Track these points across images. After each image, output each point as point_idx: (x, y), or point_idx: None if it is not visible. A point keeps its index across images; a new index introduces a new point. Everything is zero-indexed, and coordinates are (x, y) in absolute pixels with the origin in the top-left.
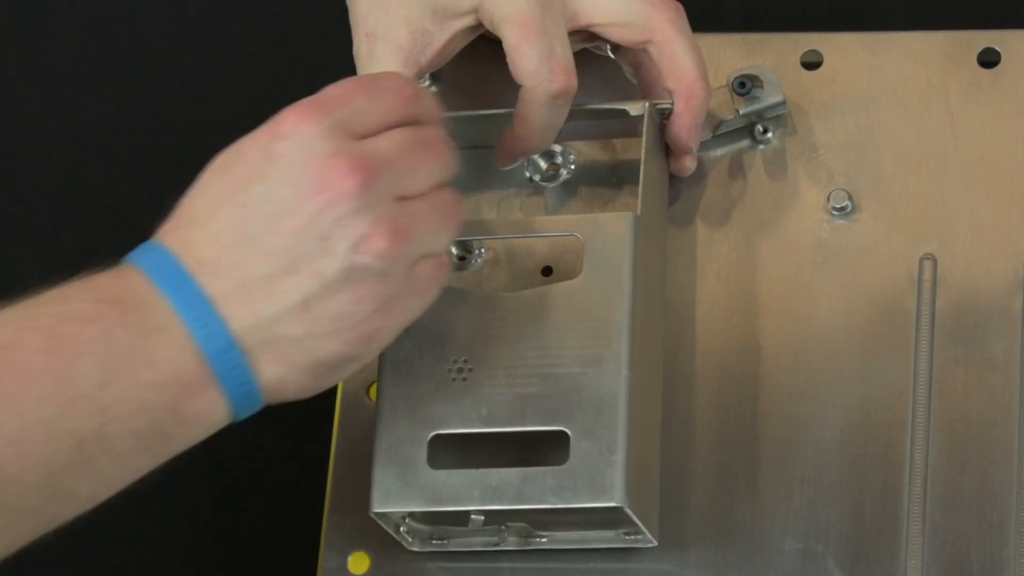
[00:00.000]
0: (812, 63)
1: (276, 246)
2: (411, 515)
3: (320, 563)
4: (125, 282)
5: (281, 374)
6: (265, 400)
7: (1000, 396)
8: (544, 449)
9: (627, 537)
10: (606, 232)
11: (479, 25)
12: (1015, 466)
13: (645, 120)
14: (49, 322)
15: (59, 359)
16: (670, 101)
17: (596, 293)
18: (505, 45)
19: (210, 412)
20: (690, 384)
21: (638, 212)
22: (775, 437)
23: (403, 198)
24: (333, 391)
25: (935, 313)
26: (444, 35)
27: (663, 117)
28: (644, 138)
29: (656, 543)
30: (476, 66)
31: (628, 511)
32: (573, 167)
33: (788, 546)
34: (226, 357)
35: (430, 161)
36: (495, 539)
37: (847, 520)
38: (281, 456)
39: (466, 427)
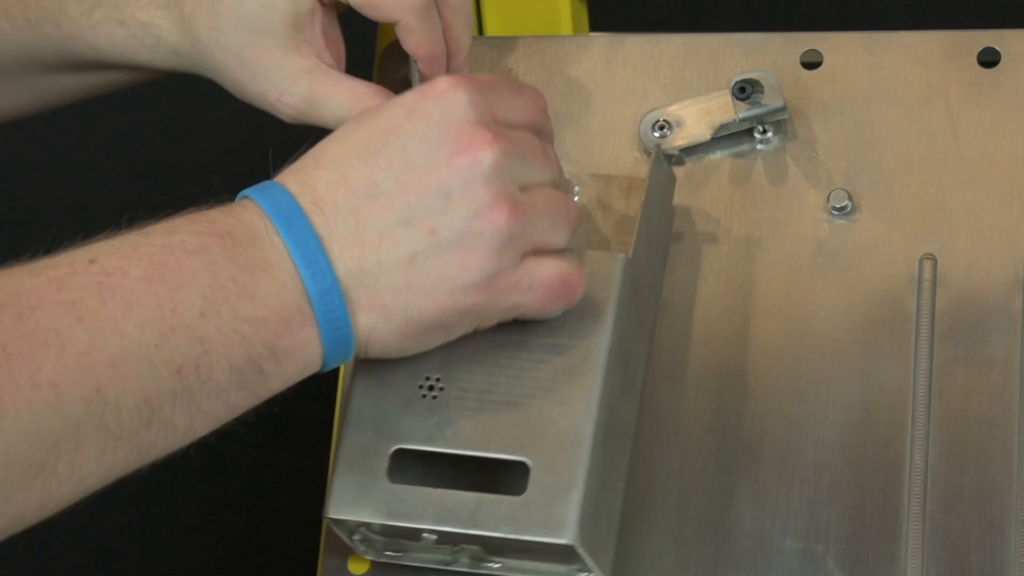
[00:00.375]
0: (812, 63)
1: (400, 196)
2: (366, 525)
3: (320, 563)
4: (235, 217)
5: (373, 323)
6: (357, 347)
7: (1000, 396)
8: (507, 476)
9: (576, 571)
10: (594, 270)
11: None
12: (1015, 466)
13: (651, 163)
14: (154, 251)
15: (162, 287)
16: (677, 150)
17: (576, 329)
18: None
19: (305, 352)
20: (690, 384)
21: (630, 255)
22: (775, 437)
23: (524, 188)
24: (333, 392)
25: (935, 313)
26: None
27: (670, 163)
28: (647, 182)
29: None
30: (476, 66)
31: (580, 550)
32: (577, 199)
33: (788, 546)
34: (328, 297)
35: (549, 166)
36: (448, 558)
37: (847, 520)
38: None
39: (429, 445)
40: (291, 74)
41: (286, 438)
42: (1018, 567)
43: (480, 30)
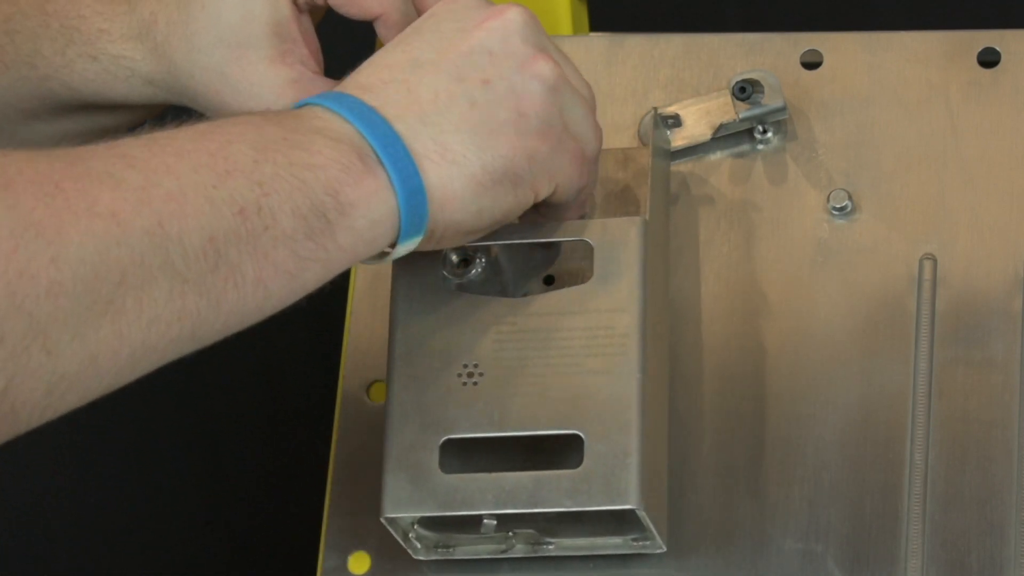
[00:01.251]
0: (812, 63)
1: (445, 61)
2: (421, 521)
3: (320, 563)
4: (281, 110)
5: (447, 173)
6: (432, 208)
7: (1000, 396)
8: (548, 453)
9: (635, 543)
10: (616, 237)
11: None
12: (1015, 466)
13: (651, 126)
14: (198, 126)
15: (211, 142)
16: (675, 112)
17: (607, 298)
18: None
19: (374, 203)
20: (691, 384)
21: (646, 216)
22: (775, 437)
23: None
24: (333, 391)
25: (935, 313)
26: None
27: (667, 125)
28: (651, 143)
29: (665, 549)
30: None
31: (642, 514)
32: None
33: (788, 546)
34: (391, 149)
35: (585, 100)
36: (503, 546)
37: (847, 520)
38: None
39: (478, 431)
40: (278, 86)
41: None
42: (1018, 567)
43: None
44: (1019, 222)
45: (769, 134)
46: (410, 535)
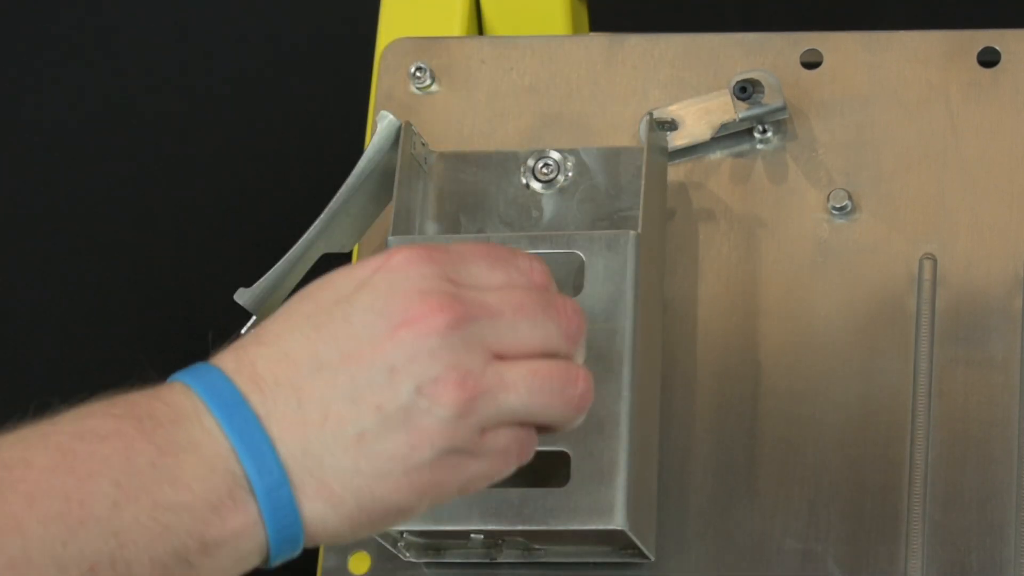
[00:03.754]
0: (812, 63)
1: (344, 372)
2: (411, 532)
3: (320, 563)
4: (159, 399)
5: (322, 512)
6: (306, 538)
7: (1000, 396)
8: (536, 467)
9: (623, 552)
10: (608, 250)
11: None
12: (1015, 466)
13: (647, 133)
14: (63, 439)
15: (69, 478)
16: (670, 116)
17: (598, 312)
18: None
19: (242, 541)
20: (690, 384)
21: (639, 230)
22: (775, 437)
23: (500, 356)
24: None
25: (935, 313)
26: None
27: (663, 129)
28: (644, 152)
29: (653, 559)
30: (475, 66)
31: (630, 534)
32: (571, 174)
33: (788, 546)
34: (268, 481)
35: (544, 323)
36: (492, 552)
37: (847, 520)
38: None
39: None
40: None
41: None
42: (1018, 567)
43: (480, 30)
44: (1019, 222)
45: (769, 134)
46: (399, 543)
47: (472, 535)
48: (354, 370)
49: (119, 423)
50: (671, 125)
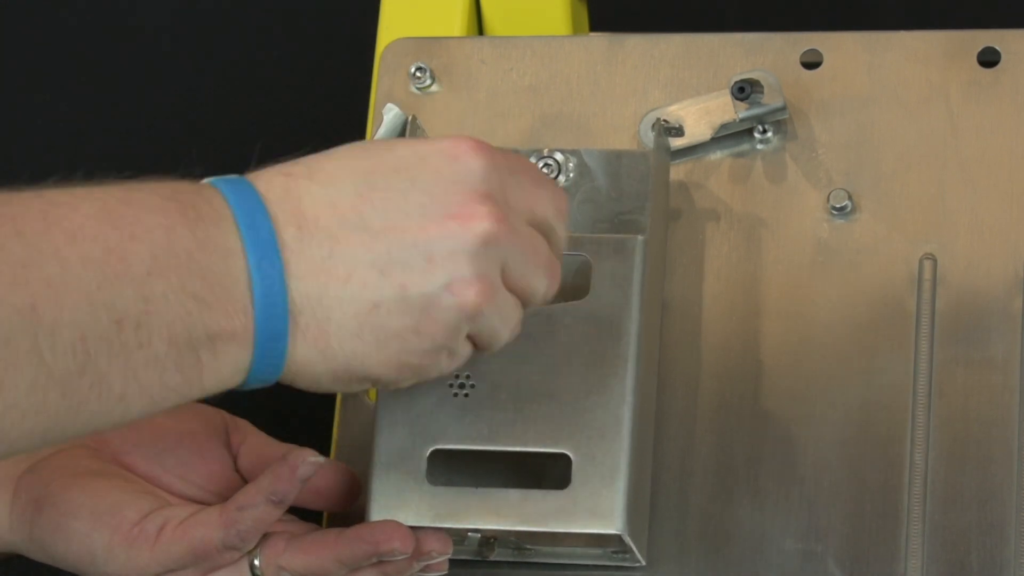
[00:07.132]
0: (812, 63)
1: (383, 240)
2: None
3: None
4: (201, 196)
5: (311, 358)
6: (284, 375)
7: (1000, 396)
8: (536, 468)
9: (615, 555)
10: (614, 255)
11: None
12: (1015, 466)
13: (653, 140)
14: (110, 199)
15: (112, 231)
16: (678, 121)
17: (603, 316)
18: None
19: (231, 361)
20: (690, 384)
21: (646, 235)
22: (775, 437)
23: (505, 279)
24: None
25: (935, 313)
26: None
27: (669, 135)
28: (652, 158)
29: (644, 563)
30: (475, 66)
31: (627, 539)
32: (572, 174)
33: (788, 546)
34: (274, 320)
35: (542, 273)
36: (484, 550)
37: (847, 520)
38: None
39: (466, 444)
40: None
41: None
42: (1018, 567)
43: (480, 30)
44: (1019, 222)
45: (769, 134)
46: None
47: (470, 534)
48: (393, 242)
49: (165, 203)
50: (679, 131)
